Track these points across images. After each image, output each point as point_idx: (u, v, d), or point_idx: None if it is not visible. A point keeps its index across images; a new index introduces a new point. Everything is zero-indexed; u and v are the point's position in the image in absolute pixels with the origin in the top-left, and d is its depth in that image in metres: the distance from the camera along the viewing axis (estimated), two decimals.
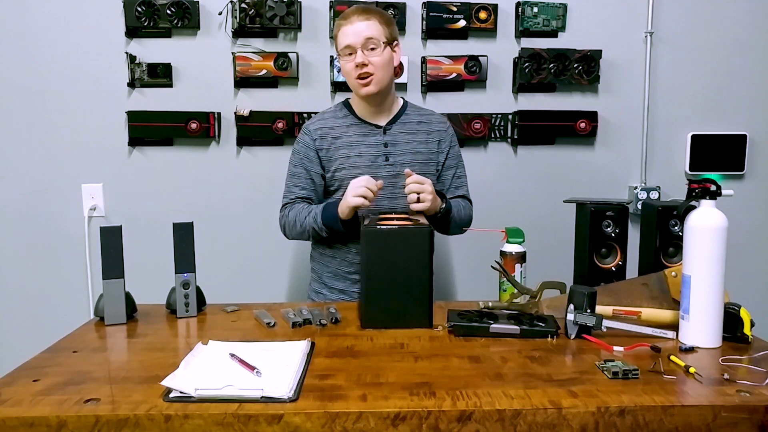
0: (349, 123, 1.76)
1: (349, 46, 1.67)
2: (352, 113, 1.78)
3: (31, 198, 2.25)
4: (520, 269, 1.54)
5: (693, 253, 1.22)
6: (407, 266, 1.34)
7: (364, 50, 1.65)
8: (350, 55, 1.67)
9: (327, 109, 1.84)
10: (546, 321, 1.32)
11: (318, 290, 1.84)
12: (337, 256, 1.78)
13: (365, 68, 1.66)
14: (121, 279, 1.41)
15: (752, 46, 2.33)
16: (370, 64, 1.66)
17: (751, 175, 2.39)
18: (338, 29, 1.70)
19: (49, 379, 1.09)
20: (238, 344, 1.23)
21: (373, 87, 1.68)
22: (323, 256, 1.82)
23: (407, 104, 1.83)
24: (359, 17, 1.67)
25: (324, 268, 1.82)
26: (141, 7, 2.15)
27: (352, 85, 1.71)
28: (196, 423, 0.95)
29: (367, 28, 1.66)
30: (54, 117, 2.22)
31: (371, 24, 1.66)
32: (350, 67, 1.67)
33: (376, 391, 1.02)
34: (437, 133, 1.81)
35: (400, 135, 1.77)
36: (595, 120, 2.31)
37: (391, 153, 1.75)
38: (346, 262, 1.77)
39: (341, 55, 1.70)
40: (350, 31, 1.66)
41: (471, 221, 1.85)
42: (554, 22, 2.27)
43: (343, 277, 1.78)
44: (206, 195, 2.28)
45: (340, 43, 1.69)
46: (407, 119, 1.79)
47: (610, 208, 1.58)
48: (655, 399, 0.98)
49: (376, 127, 1.76)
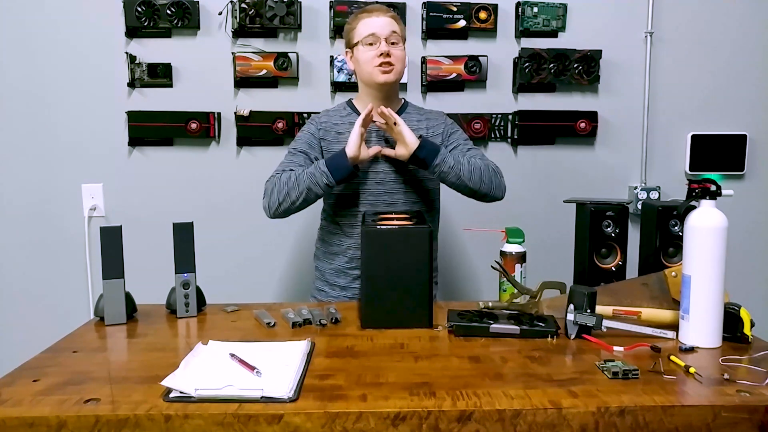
0: (353, 120, 1.77)
1: (373, 35, 1.70)
2: (355, 111, 1.81)
3: (31, 198, 2.25)
4: (520, 269, 1.54)
5: (693, 253, 1.22)
6: (407, 266, 1.34)
7: (388, 42, 1.71)
8: (372, 44, 1.71)
9: (332, 108, 1.87)
10: (546, 321, 1.32)
11: (320, 288, 1.85)
12: (339, 253, 1.80)
13: (389, 58, 1.70)
14: (121, 279, 1.41)
15: (752, 46, 2.33)
16: (392, 55, 1.71)
17: (751, 175, 2.39)
18: (358, 21, 1.74)
19: (49, 379, 1.09)
20: (238, 344, 1.23)
21: (393, 76, 1.72)
22: (327, 254, 1.83)
23: (407, 104, 1.85)
24: (384, 13, 1.74)
25: (327, 265, 1.83)
26: (141, 7, 2.16)
27: (369, 73, 1.72)
28: (196, 423, 0.95)
29: (392, 23, 1.73)
30: (54, 117, 2.22)
31: (394, 21, 1.75)
32: (371, 55, 1.70)
33: (376, 391, 1.02)
34: (436, 126, 1.83)
35: None
36: (595, 120, 2.31)
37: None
38: (347, 257, 1.78)
39: (362, 44, 1.72)
40: (376, 23, 1.71)
41: (497, 177, 1.74)
42: (554, 22, 2.27)
43: (345, 273, 1.79)
44: (206, 195, 2.28)
45: (361, 33, 1.72)
46: (407, 117, 1.80)
47: (610, 208, 1.58)
48: (655, 399, 0.98)
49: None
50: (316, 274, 1.88)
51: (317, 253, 1.89)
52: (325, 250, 1.84)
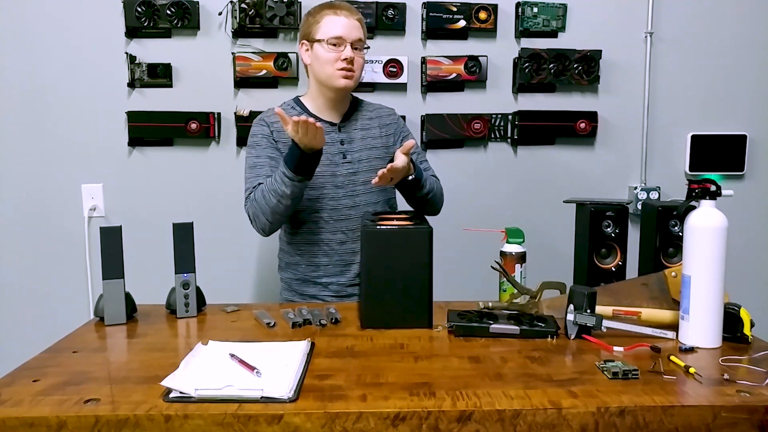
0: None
1: (340, 38, 1.67)
2: (305, 110, 1.77)
3: (31, 198, 2.25)
4: (520, 269, 1.54)
5: (693, 254, 1.22)
6: (407, 266, 1.34)
7: (353, 47, 1.68)
8: (336, 45, 1.67)
9: (278, 106, 1.75)
10: (546, 321, 1.32)
11: (289, 298, 1.81)
12: (302, 263, 1.77)
13: (351, 65, 1.68)
14: (121, 279, 1.41)
15: (752, 46, 2.33)
16: (355, 62, 1.69)
17: (751, 175, 2.39)
18: (323, 16, 1.69)
19: (49, 379, 1.09)
20: (238, 344, 1.23)
21: (352, 82, 1.71)
22: (289, 264, 1.80)
23: (356, 100, 1.84)
24: (352, 15, 1.70)
25: (291, 275, 1.80)
26: (141, 8, 2.15)
27: (328, 74, 1.68)
28: (196, 423, 0.95)
29: (358, 29, 1.71)
30: (54, 117, 2.22)
31: (360, 26, 1.72)
32: (334, 57, 1.67)
33: (376, 392, 1.02)
34: (389, 126, 1.83)
35: (355, 131, 1.78)
36: (595, 120, 2.31)
37: (348, 150, 1.75)
38: (313, 266, 1.75)
39: (326, 43, 1.67)
40: (343, 25, 1.68)
41: (443, 198, 1.85)
42: (554, 23, 2.27)
43: (313, 282, 1.76)
44: (206, 195, 2.28)
45: (326, 31, 1.67)
46: (359, 115, 1.79)
47: (610, 208, 1.58)
48: (655, 399, 0.98)
49: (331, 125, 1.76)
50: (283, 285, 1.86)
51: (280, 262, 1.86)
52: (288, 261, 1.81)
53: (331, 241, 1.74)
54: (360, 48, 1.71)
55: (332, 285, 1.75)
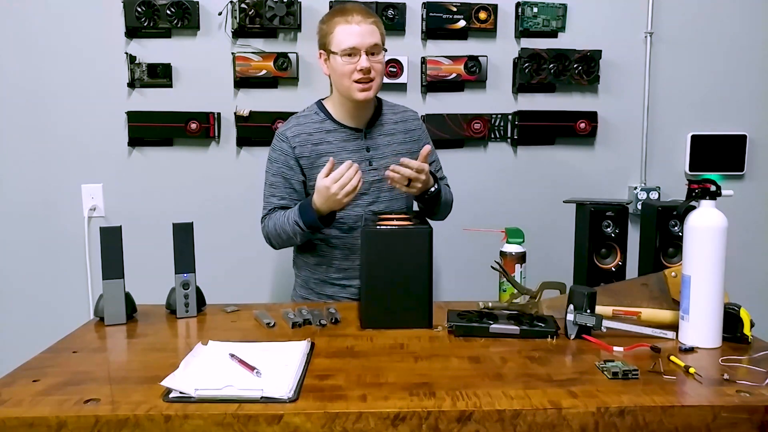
0: (328, 128, 1.70)
1: (354, 48, 1.59)
2: (329, 117, 1.72)
3: (31, 198, 2.25)
4: (520, 269, 1.54)
5: (693, 254, 1.22)
6: (407, 266, 1.34)
7: (368, 55, 1.61)
8: (351, 56, 1.60)
9: (301, 113, 1.77)
10: (546, 321, 1.32)
11: (305, 296, 1.80)
12: (323, 264, 1.75)
13: (368, 74, 1.61)
14: (121, 279, 1.40)
15: (752, 46, 2.33)
16: (372, 70, 1.61)
17: (751, 175, 2.39)
18: (335, 26, 1.61)
19: (49, 379, 1.09)
20: (238, 344, 1.23)
21: (372, 93, 1.64)
22: (308, 264, 1.79)
23: (381, 102, 1.79)
24: (365, 19, 1.61)
25: (310, 275, 1.79)
26: (141, 8, 2.15)
27: (346, 87, 1.63)
28: (196, 423, 0.95)
29: (373, 34, 1.61)
30: (54, 117, 2.22)
31: (376, 29, 1.63)
32: (350, 69, 1.60)
33: (376, 392, 1.02)
34: (413, 132, 1.81)
35: (380, 137, 1.74)
36: (595, 120, 2.31)
37: (373, 157, 1.72)
38: (333, 268, 1.74)
39: (339, 55, 1.61)
40: (356, 33, 1.59)
41: (452, 207, 1.88)
42: (554, 23, 2.27)
43: (331, 283, 1.76)
44: (206, 195, 2.28)
45: (339, 43, 1.60)
46: (384, 119, 1.76)
47: (610, 208, 1.58)
48: (655, 399, 0.98)
49: (356, 131, 1.72)
50: (297, 281, 1.86)
51: (297, 261, 1.85)
52: (306, 260, 1.79)
53: (354, 246, 1.70)
54: (377, 53, 1.62)
55: (351, 288, 1.74)
